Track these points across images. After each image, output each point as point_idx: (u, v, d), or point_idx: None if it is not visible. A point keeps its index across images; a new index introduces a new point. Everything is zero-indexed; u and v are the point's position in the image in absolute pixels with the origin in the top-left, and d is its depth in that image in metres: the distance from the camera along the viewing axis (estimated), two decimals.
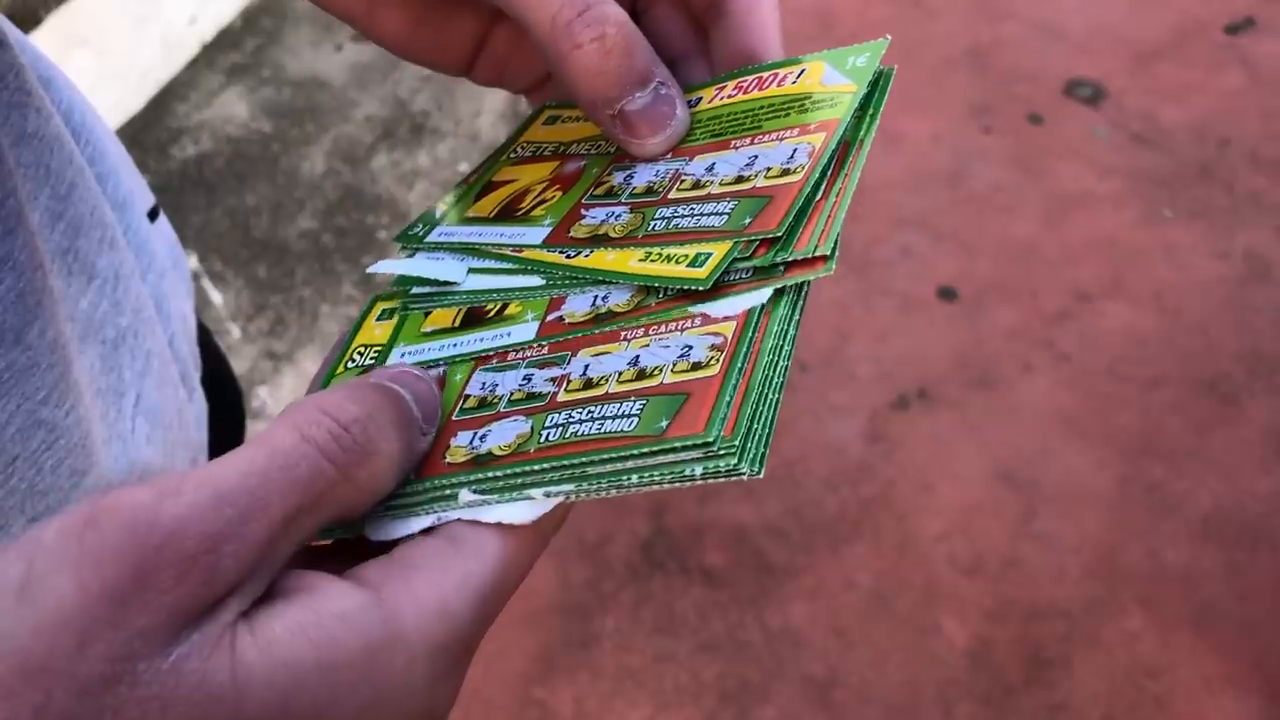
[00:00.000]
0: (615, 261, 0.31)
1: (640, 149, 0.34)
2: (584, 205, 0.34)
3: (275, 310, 1.82)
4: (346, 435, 0.26)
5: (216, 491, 0.23)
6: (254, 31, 2.28)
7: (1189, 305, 1.69)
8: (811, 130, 0.32)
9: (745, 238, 0.30)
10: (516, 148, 0.39)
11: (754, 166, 0.32)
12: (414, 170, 2.01)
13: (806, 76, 0.34)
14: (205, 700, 0.22)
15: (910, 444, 1.56)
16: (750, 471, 0.26)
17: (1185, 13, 2.14)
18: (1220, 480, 1.49)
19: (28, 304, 0.34)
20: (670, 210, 0.32)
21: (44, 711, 0.21)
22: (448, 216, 0.37)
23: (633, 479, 0.27)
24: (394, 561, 0.26)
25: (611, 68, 0.32)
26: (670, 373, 0.29)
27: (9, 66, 0.36)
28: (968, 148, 1.94)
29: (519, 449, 0.29)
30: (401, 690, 0.25)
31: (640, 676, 1.37)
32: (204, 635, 0.23)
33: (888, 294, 1.74)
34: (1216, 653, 1.34)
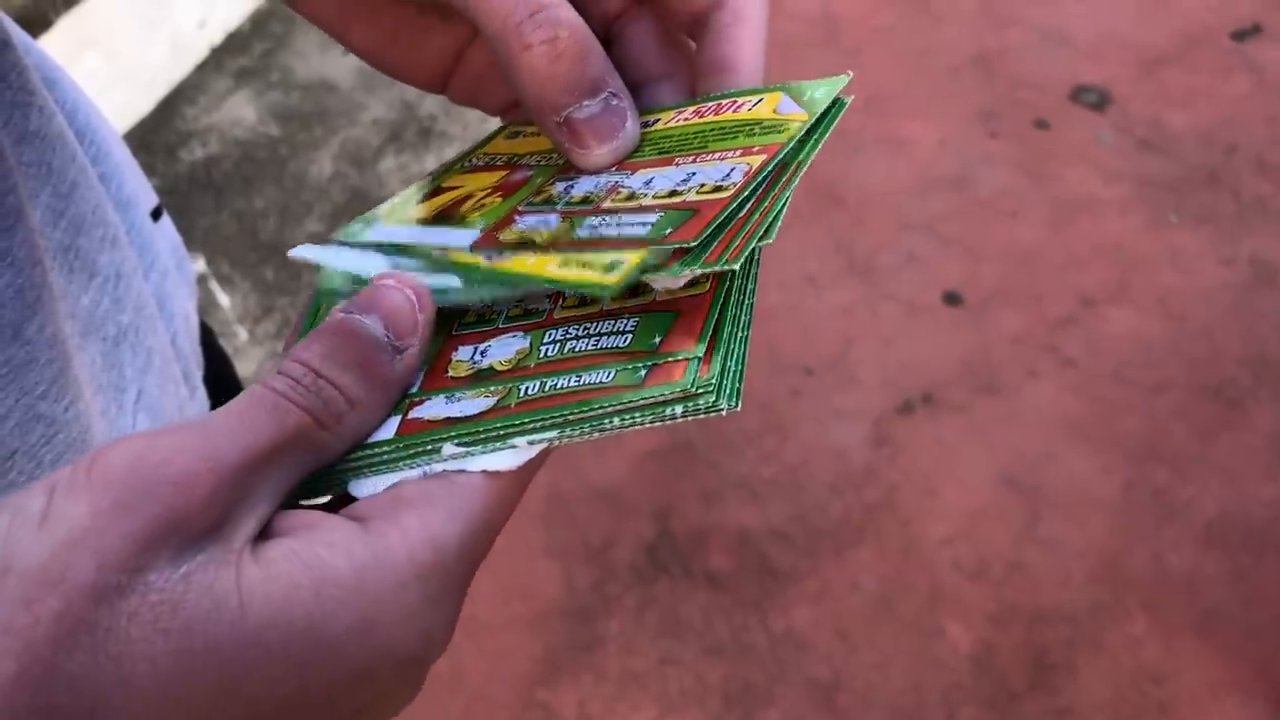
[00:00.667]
0: (534, 266, 0.31)
1: (584, 159, 0.34)
2: (518, 212, 0.34)
3: (282, 313, 1.82)
4: (298, 384, 0.28)
5: (202, 426, 0.26)
6: (262, 35, 2.29)
7: (1194, 310, 1.69)
8: (754, 152, 0.32)
9: (662, 247, 0.30)
10: (472, 157, 0.39)
11: (689, 182, 0.32)
12: (421, 174, 2.02)
13: (763, 105, 0.34)
14: (210, 605, 0.24)
15: (915, 448, 1.56)
16: (728, 406, 0.27)
17: (1192, 19, 2.15)
18: (1225, 485, 1.49)
19: (27, 300, 0.35)
20: (599, 219, 0.32)
21: (64, 616, 0.23)
22: (388, 218, 0.37)
23: (614, 422, 0.28)
24: (383, 497, 0.28)
25: (561, 72, 0.32)
26: (663, 294, 0.30)
27: (11, 66, 0.37)
28: (974, 153, 1.94)
29: (519, 364, 0.30)
30: (393, 610, 0.26)
31: (644, 679, 1.37)
32: (211, 555, 0.25)
33: (893, 299, 1.74)
34: (1221, 658, 1.34)
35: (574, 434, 0.28)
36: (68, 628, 0.23)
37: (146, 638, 0.24)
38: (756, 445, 1.58)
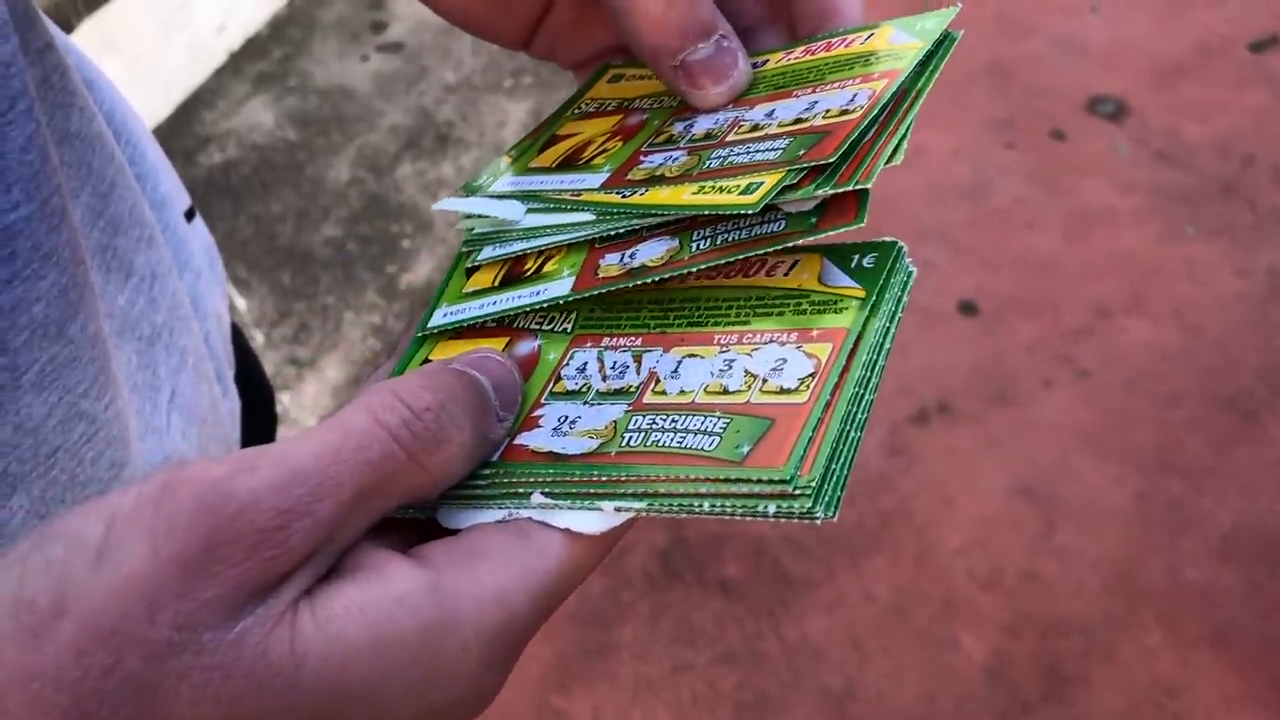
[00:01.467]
0: (669, 196, 0.31)
1: (702, 99, 0.34)
2: (643, 152, 0.35)
3: (299, 317, 1.83)
4: (418, 422, 0.26)
5: (290, 469, 0.24)
6: (281, 41, 2.30)
7: (1210, 322, 1.69)
8: (874, 78, 0.32)
9: (798, 166, 0.30)
10: (580, 104, 0.39)
11: (814, 109, 0.32)
12: (438, 180, 2.03)
13: (875, 39, 0.35)
14: (264, 672, 0.23)
15: (930, 458, 1.56)
16: (825, 516, 0.26)
17: (1209, 30, 2.14)
18: (1240, 497, 1.49)
19: (70, 299, 0.35)
20: (726, 150, 0.32)
21: (112, 672, 0.22)
22: (511, 168, 0.37)
23: (704, 505, 0.27)
24: (460, 546, 0.27)
25: (675, 17, 0.33)
26: (759, 392, 0.28)
27: (54, 68, 0.37)
28: (990, 163, 1.94)
29: (600, 450, 0.29)
30: (452, 674, 0.25)
31: (658, 686, 1.38)
32: (267, 610, 0.24)
33: (909, 308, 1.74)
34: (1236, 671, 1.33)
35: (663, 508, 0.27)
36: (115, 683, 0.22)
37: (195, 701, 0.23)
38: None
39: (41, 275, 0.34)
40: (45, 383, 0.35)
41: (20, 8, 0.35)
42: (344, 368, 1.76)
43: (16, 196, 0.33)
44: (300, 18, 2.35)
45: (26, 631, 0.22)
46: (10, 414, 0.34)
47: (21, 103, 0.33)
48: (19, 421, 0.34)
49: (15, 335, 0.33)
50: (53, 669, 0.22)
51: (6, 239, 0.33)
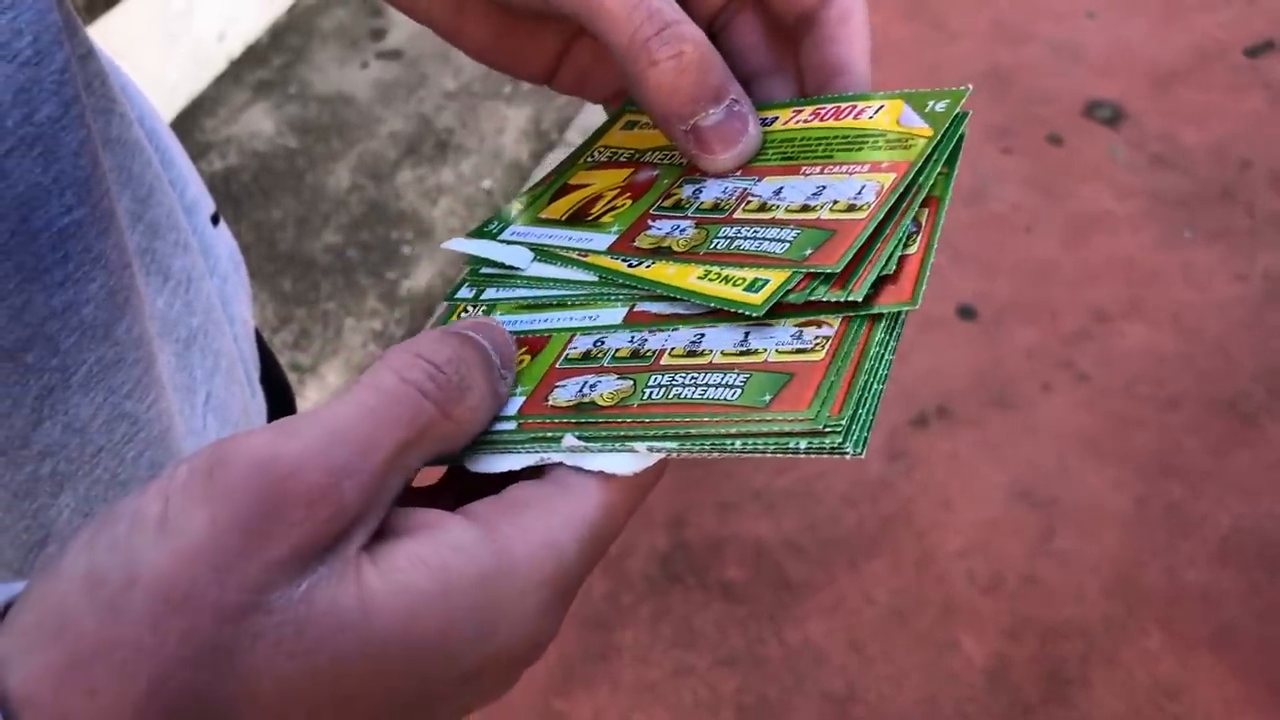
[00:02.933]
0: (675, 276, 0.32)
1: (711, 164, 0.35)
2: (651, 216, 0.35)
3: (300, 323, 1.84)
4: (441, 375, 0.28)
5: (331, 430, 0.25)
6: (281, 48, 2.31)
7: (1208, 326, 1.70)
8: (883, 169, 0.33)
9: (804, 269, 0.30)
10: (594, 151, 0.40)
11: (821, 197, 0.33)
12: (438, 186, 2.04)
13: (884, 114, 0.35)
14: (336, 625, 0.24)
15: (929, 462, 1.57)
16: (854, 451, 0.27)
17: (1205, 35, 2.15)
18: (1239, 500, 1.49)
19: (116, 301, 0.36)
20: (734, 230, 0.33)
21: (189, 637, 0.23)
22: (522, 216, 0.38)
23: (736, 444, 0.28)
24: (503, 500, 0.28)
25: (686, 84, 0.33)
26: (775, 353, 0.30)
27: (95, 74, 0.38)
28: (988, 168, 1.95)
29: (622, 402, 0.30)
30: (513, 617, 0.26)
31: (659, 690, 1.38)
32: (331, 567, 0.25)
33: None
34: (1236, 674, 1.34)
35: (695, 448, 0.28)
36: (194, 648, 0.23)
37: (271, 657, 0.24)
38: (772, 457, 1.58)
39: (91, 278, 0.35)
40: (92, 383, 0.35)
41: (67, 16, 0.36)
42: (345, 373, 1.77)
43: (69, 200, 0.33)
44: (300, 25, 2.36)
45: (103, 606, 0.23)
46: (60, 414, 0.35)
47: (74, 108, 0.33)
48: (67, 421, 0.35)
49: (66, 337, 0.34)
50: (132, 638, 0.23)
51: (59, 242, 0.33)
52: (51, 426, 0.35)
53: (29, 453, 0.35)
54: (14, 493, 0.35)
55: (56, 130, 0.33)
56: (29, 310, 0.33)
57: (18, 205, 0.32)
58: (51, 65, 0.33)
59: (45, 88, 0.33)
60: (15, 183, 0.32)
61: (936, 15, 2.28)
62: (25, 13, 0.32)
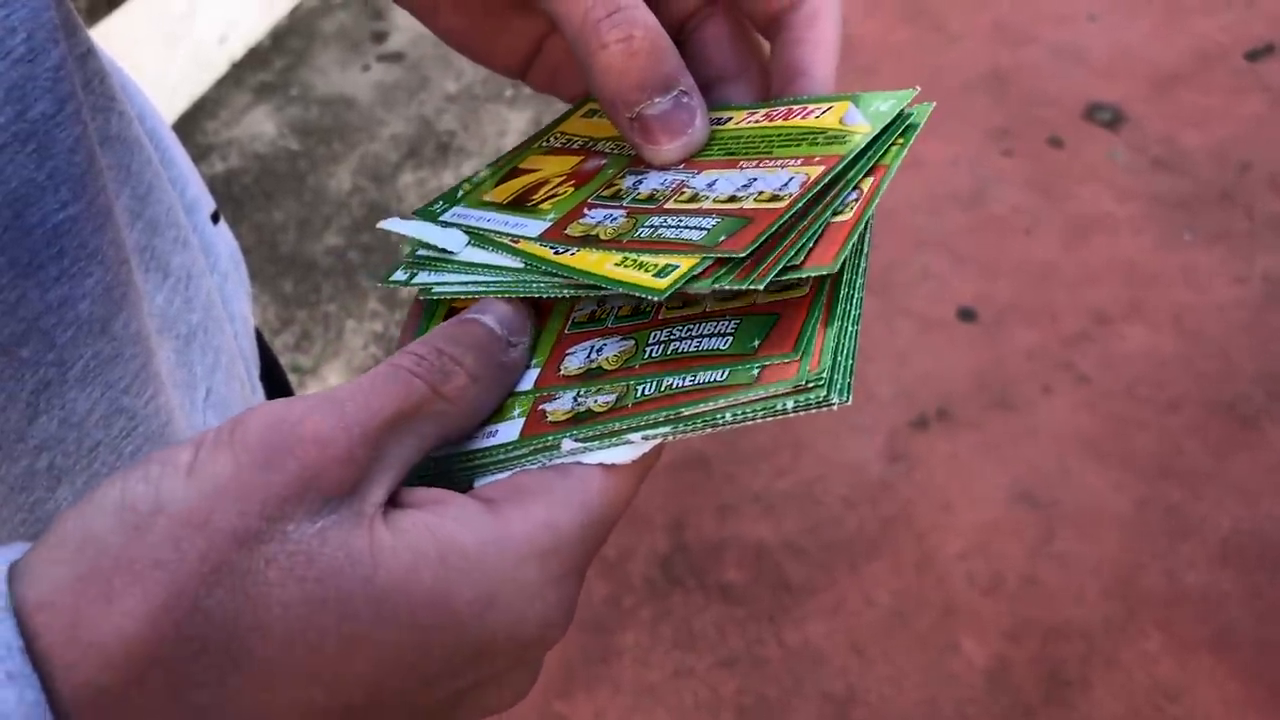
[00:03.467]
0: (595, 263, 0.32)
1: (654, 155, 0.35)
2: (588, 204, 0.35)
3: (301, 325, 1.84)
4: (424, 360, 0.30)
5: (335, 398, 0.28)
6: (283, 51, 2.31)
7: (1208, 328, 1.70)
8: (814, 162, 0.33)
9: (712, 255, 0.30)
10: (550, 136, 0.40)
11: (750, 188, 0.33)
12: (439, 188, 2.04)
13: (830, 114, 0.35)
14: (345, 561, 0.26)
15: (930, 463, 1.57)
16: (839, 400, 0.28)
17: (1205, 38, 2.16)
18: (1239, 503, 1.49)
19: (114, 297, 0.36)
20: (660, 219, 0.33)
21: (206, 556, 0.25)
22: (467, 198, 0.38)
23: (726, 417, 0.29)
24: (510, 483, 0.30)
25: (634, 69, 0.33)
26: (762, 295, 0.31)
27: (95, 73, 0.38)
28: (988, 171, 1.95)
29: (625, 364, 0.31)
30: (512, 589, 0.28)
31: (659, 692, 1.38)
32: (345, 514, 0.26)
33: (908, 315, 1.75)
34: (1236, 676, 1.34)
35: (688, 429, 0.29)
36: (210, 566, 0.25)
37: (282, 583, 0.25)
38: (771, 459, 1.59)
39: (87, 273, 0.35)
40: (89, 378, 0.36)
41: (65, 15, 0.36)
42: (346, 375, 1.77)
43: (65, 196, 0.34)
44: (301, 28, 2.36)
45: (129, 527, 0.25)
46: (56, 408, 0.35)
47: (70, 105, 0.34)
48: (64, 416, 0.35)
49: (62, 332, 0.35)
50: (153, 553, 0.25)
51: (55, 237, 0.34)
52: (48, 421, 0.35)
53: (25, 447, 0.35)
54: (11, 486, 0.36)
55: (51, 127, 0.33)
56: (24, 305, 0.34)
57: (11, 201, 0.33)
58: (46, 62, 0.33)
59: (40, 85, 0.33)
60: (8, 179, 0.32)
61: (937, 18, 2.28)
62: (19, 10, 0.32)
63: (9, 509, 0.36)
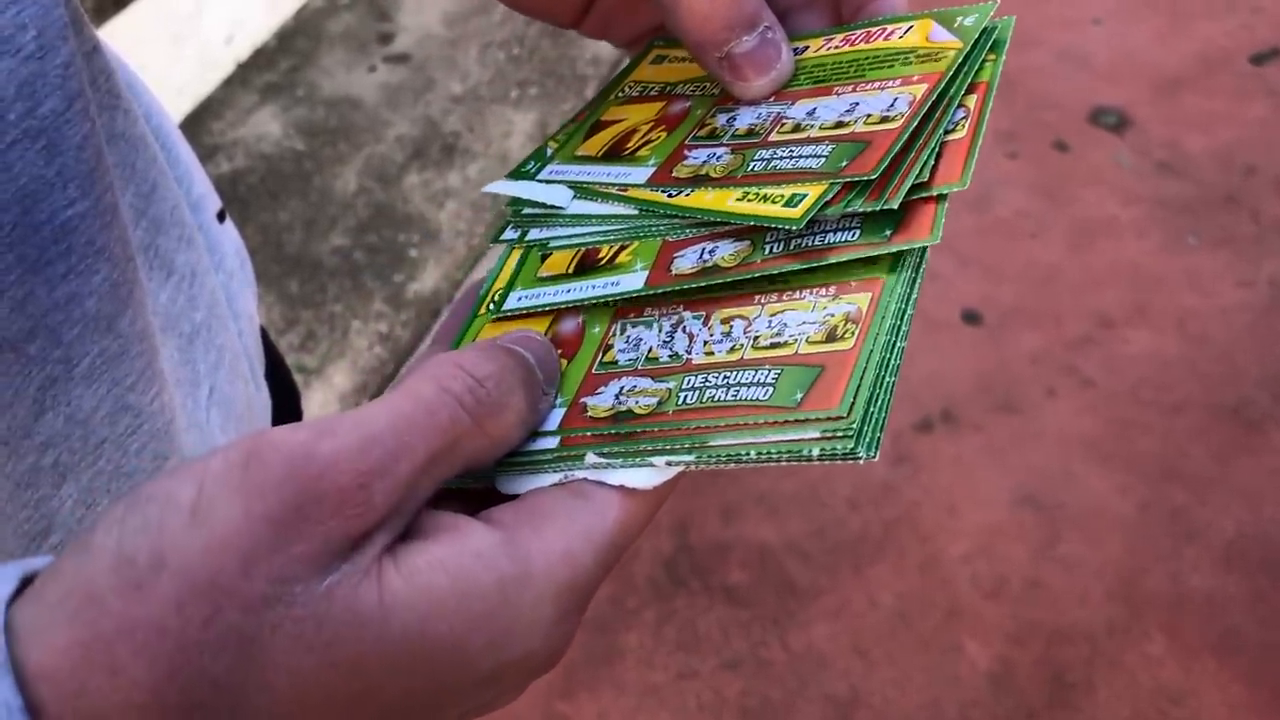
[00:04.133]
0: (714, 200, 0.32)
1: (745, 91, 0.35)
2: (687, 146, 0.35)
3: (306, 325, 1.84)
4: (481, 389, 0.28)
5: (368, 433, 0.26)
6: (289, 51, 2.32)
7: (1213, 332, 1.70)
8: (914, 81, 0.33)
9: (841, 179, 0.30)
10: (625, 86, 0.40)
11: (854, 113, 0.33)
12: (445, 190, 2.04)
13: (914, 32, 0.35)
14: (354, 621, 0.25)
15: (934, 466, 1.57)
16: (866, 455, 0.27)
17: (1210, 42, 2.16)
18: (1244, 507, 1.49)
19: (120, 294, 0.36)
20: (770, 152, 0.33)
21: (211, 622, 0.24)
22: (558, 155, 0.38)
23: (751, 454, 0.28)
24: (524, 507, 0.28)
25: (719, 11, 0.33)
26: (805, 343, 0.30)
27: (101, 70, 0.38)
28: (993, 174, 1.96)
29: (658, 409, 0.30)
30: (528, 625, 0.27)
31: (663, 693, 1.38)
32: (354, 565, 0.25)
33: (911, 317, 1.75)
34: (1240, 680, 1.34)
35: (711, 460, 0.29)
36: (215, 633, 0.23)
37: (289, 649, 0.24)
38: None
39: (94, 270, 0.35)
40: (95, 375, 0.36)
41: (74, 12, 0.36)
42: (351, 376, 1.77)
43: (72, 193, 0.34)
44: (308, 29, 2.37)
45: (129, 585, 0.23)
46: (62, 405, 0.35)
47: (78, 103, 0.34)
48: (70, 413, 0.35)
49: (69, 329, 0.35)
50: (156, 619, 0.23)
51: (62, 234, 0.34)
52: (54, 418, 0.35)
53: (31, 443, 0.35)
54: (16, 483, 0.36)
55: (60, 124, 0.33)
56: (31, 302, 0.34)
57: (20, 198, 0.33)
58: (56, 60, 0.33)
59: (49, 82, 0.33)
60: (18, 175, 0.32)
61: None
62: (30, 8, 0.32)
63: (14, 505, 0.36)
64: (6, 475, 0.35)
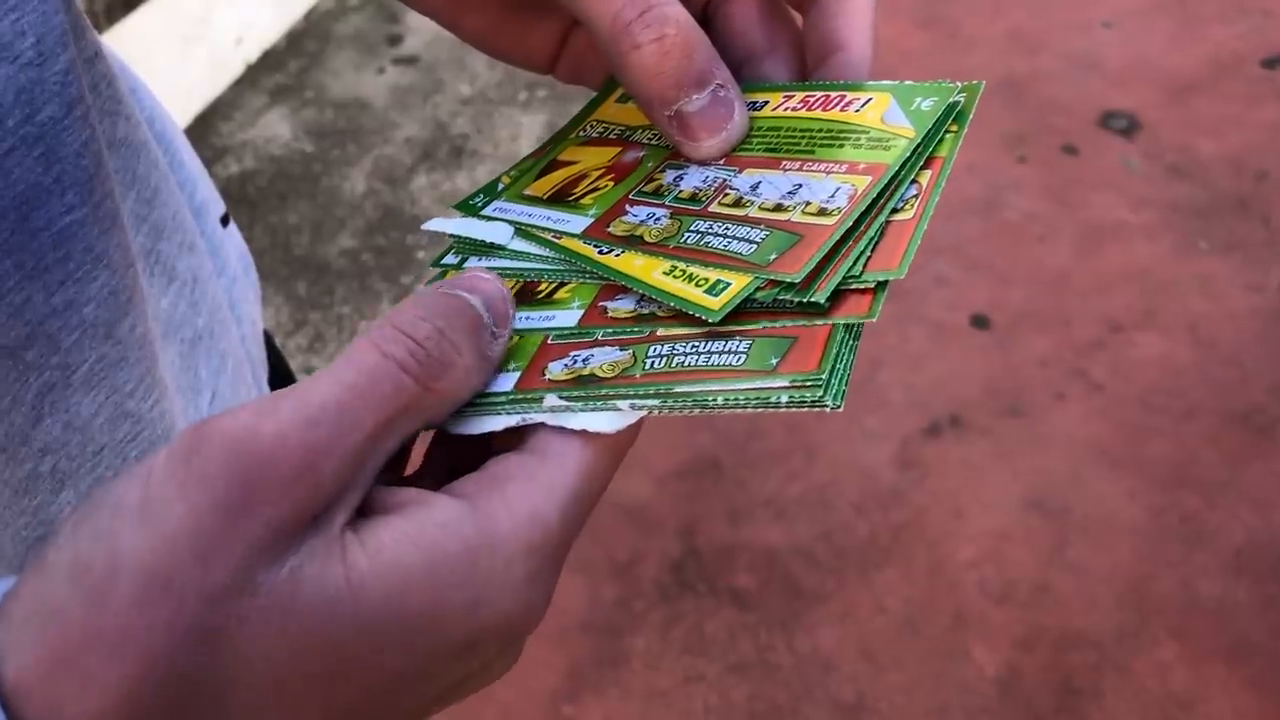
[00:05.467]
0: (641, 269, 0.32)
1: (694, 150, 0.34)
2: (630, 201, 0.35)
3: (314, 327, 1.84)
4: (422, 350, 0.27)
5: (312, 409, 0.25)
6: (298, 53, 2.32)
7: (1223, 337, 1.69)
8: (859, 170, 0.32)
9: (765, 276, 0.30)
10: (586, 125, 0.40)
11: (795, 196, 0.32)
12: (453, 192, 2.04)
13: (870, 108, 0.34)
14: (324, 604, 0.24)
15: (942, 470, 1.56)
16: (833, 405, 0.27)
17: (1222, 47, 2.15)
18: (1254, 513, 1.49)
19: (119, 300, 0.36)
20: (706, 225, 0.32)
21: (175, 620, 0.23)
22: (508, 191, 0.38)
23: (718, 400, 0.28)
24: (485, 475, 0.28)
25: (669, 68, 0.32)
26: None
27: (102, 76, 0.38)
28: (1002, 178, 1.95)
29: (623, 373, 0.29)
30: (501, 588, 0.26)
31: (669, 697, 1.38)
32: (314, 546, 0.25)
33: (921, 321, 1.75)
34: (1250, 686, 1.33)
35: (676, 405, 0.28)
36: (181, 630, 0.23)
37: (259, 638, 0.24)
38: (784, 464, 1.58)
39: (93, 277, 0.35)
40: (94, 382, 0.36)
41: (74, 18, 0.36)
42: None
43: (71, 200, 0.34)
44: (317, 31, 2.37)
45: (89, 595, 0.23)
46: (60, 412, 0.35)
47: (78, 109, 0.34)
48: (68, 419, 0.35)
49: (67, 335, 0.34)
50: (120, 625, 0.23)
51: (61, 241, 0.34)
52: (52, 424, 0.35)
53: (29, 450, 0.35)
54: (14, 489, 0.35)
55: (58, 131, 0.33)
56: (29, 308, 0.34)
57: (18, 204, 0.32)
58: (55, 66, 0.33)
59: (48, 89, 0.33)
60: (16, 182, 0.32)
61: (952, 25, 2.28)
62: (29, 15, 0.32)
63: (12, 512, 0.36)
64: (4, 482, 0.35)
